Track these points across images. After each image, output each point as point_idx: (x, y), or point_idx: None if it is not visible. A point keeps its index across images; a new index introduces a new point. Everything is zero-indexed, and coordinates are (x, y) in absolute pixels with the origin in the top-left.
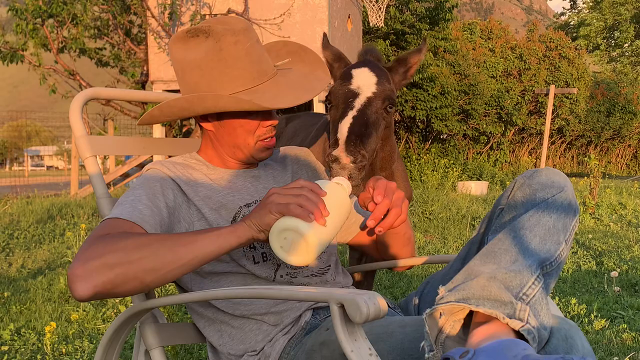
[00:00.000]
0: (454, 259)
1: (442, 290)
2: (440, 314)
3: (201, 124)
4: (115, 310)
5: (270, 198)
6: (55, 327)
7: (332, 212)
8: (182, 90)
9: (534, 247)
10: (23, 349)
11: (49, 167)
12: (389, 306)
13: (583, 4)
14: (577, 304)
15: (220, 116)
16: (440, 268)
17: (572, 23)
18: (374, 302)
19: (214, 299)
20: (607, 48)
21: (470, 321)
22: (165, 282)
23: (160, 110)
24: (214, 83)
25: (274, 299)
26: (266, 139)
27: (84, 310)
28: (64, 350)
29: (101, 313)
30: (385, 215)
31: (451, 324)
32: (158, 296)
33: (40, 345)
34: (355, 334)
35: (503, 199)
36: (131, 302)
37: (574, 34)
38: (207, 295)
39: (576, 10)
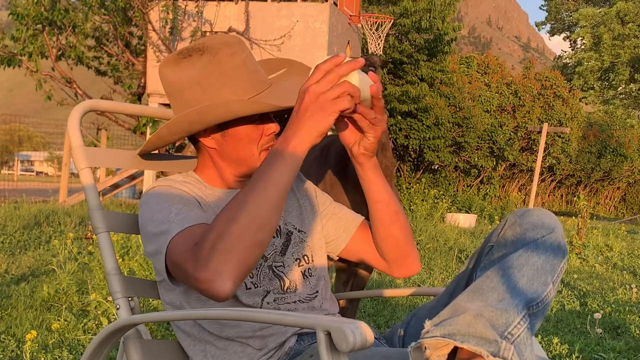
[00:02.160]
0: (442, 293)
1: (428, 324)
2: (425, 348)
3: (202, 140)
4: (96, 322)
5: (320, 99)
6: (36, 335)
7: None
8: (178, 112)
9: (522, 287)
10: (2, 355)
11: (38, 173)
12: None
13: (582, 44)
14: (559, 344)
15: (223, 129)
16: (425, 299)
17: (569, 64)
18: (360, 332)
19: (199, 319)
20: (601, 89)
21: (454, 357)
22: (275, 225)
23: (169, 129)
24: (216, 97)
25: (261, 323)
26: (268, 147)
27: (65, 320)
28: (42, 359)
29: (82, 324)
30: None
31: (435, 359)
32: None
33: (19, 352)
34: None
35: (493, 237)
36: (114, 316)
37: (570, 76)
38: (193, 315)
39: (573, 51)
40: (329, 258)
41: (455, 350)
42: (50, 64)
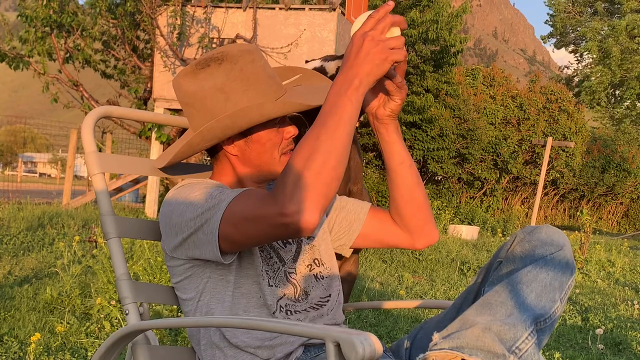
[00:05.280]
0: (449, 306)
1: (436, 336)
2: None
3: (226, 148)
4: (99, 325)
5: (380, 45)
6: (39, 337)
7: None
8: (201, 121)
9: (530, 303)
10: (4, 357)
11: (41, 174)
12: None
13: (588, 58)
14: (560, 359)
15: (246, 135)
16: (428, 310)
17: (576, 78)
18: (369, 344)
19: (209, 325)
20: (607, 105)
21: None
22: (347, 159)
23: (202, 136)
24: (239, 103)
25: (271, 332)
26: (288, 151)
27: (68, 323)
28: None
29: (85, 327)
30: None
31: None
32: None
33: (22, 354)
34: None
35: (502, 252)
36: (117, 320)
37: (577, 89)
38: (202, 321)
39: (582, 65)
40: (340, 256)
41: None
42: (57, 66)
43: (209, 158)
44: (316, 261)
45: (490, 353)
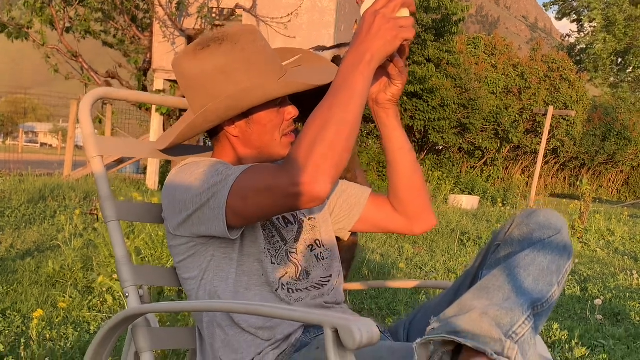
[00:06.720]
0: (447, 289)
1: (434, 321)
2: (431, 345)
3: (227, 129)
4: (101, 299)
5: (391, 23)
6: (42, 313)
7: None
8: (202, 102)
9: (527, 287)
10: (7, 331)
11: (42, 144)
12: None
13: (590, 26)
14: (559, 330)
15: (248, 116)
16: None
17: (579, 46)
18: (367, 330)
19: (208, 310)
20: (610, 71)
21: (459, 354)
22: (358, 131)
23: (204, 117)
24: (240, 83)
25: (270, 317)
26: (289, 132)
27: (70, 297)
28: (48, 335)
29: (87, 301)
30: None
31: (440, 356)
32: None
33: (24, 328)
34: (346, 358)
35: (500, 236)
36: (118, 293)
37: (579, 57)
38: (203, 306)
39: (584, 33)
40: (339, 239)
41: (460, 347)
42: (56, 36)
43: (207, 138)
44: (317, 242)
45: (487, 338)
